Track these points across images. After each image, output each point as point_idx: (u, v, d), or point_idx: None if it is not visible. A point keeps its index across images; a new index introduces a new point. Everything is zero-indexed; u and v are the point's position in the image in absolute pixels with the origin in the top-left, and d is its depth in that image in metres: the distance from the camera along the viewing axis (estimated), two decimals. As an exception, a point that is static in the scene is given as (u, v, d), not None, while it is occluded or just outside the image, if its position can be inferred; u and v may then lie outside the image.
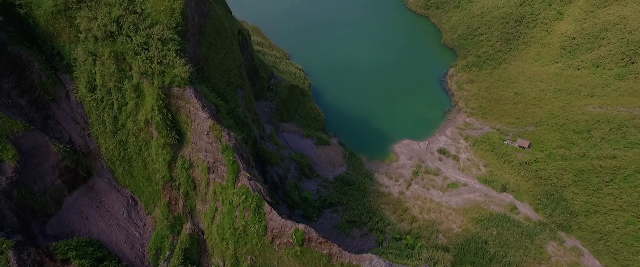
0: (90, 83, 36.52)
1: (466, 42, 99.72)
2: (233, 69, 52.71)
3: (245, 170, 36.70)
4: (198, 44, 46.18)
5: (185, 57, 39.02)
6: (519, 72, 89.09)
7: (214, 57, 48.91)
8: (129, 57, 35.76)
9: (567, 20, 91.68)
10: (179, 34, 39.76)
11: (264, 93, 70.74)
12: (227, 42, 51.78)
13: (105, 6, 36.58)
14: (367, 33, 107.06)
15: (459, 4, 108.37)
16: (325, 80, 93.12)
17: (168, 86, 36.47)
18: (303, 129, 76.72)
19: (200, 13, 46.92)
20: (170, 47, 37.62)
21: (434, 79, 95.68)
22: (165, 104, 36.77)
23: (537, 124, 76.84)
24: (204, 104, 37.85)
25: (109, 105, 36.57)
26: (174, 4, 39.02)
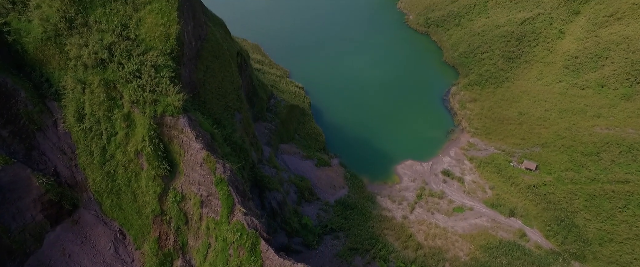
0: (78, 112, 34.48)
1: (468, 60, 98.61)
2: (231, 92, 50.86)
3: (241, 204, 34.13)
4: (194, 68, 44.44)
5: (179, 83, 37.13)
6: (523, 91, 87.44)
7: (211, 81, 47.11)
8: (120, 85, 33.84)
9: (569, 39, 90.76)
10: (174, 59, 38.01)
11: (263, 114, 68.78)
12: (225, 65, 50.13)
13: (98, 33, 34.94)
14: (367, 51, 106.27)
15: (460, 22, 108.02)
16: (326, 99, 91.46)
17: (160, 115, 34.38)
18: (303, 150, 74.39)
19: (198, 37, 45.41)
20: (164, 74, 35.77)
21: (436, 97, 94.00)
22: (157, 133, 34.58)
23: (544, 145, 74.48)
24: (198, 133, 35.66)
25: (98, 135, 34.41)
26: (170, 30, 37.43)
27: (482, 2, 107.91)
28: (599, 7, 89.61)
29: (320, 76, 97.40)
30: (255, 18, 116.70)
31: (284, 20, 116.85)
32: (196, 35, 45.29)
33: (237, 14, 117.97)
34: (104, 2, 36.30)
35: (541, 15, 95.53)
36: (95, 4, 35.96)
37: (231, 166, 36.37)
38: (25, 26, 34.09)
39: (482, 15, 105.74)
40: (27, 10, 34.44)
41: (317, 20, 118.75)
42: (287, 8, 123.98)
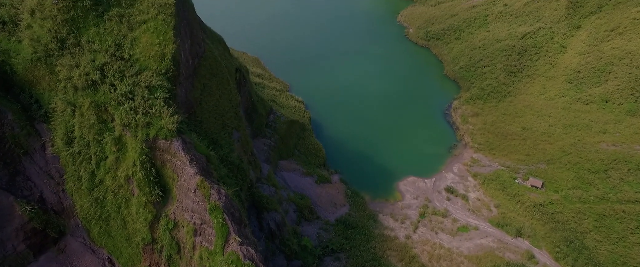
0: (67, 135, 32.83)
1: (469, 74, 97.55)
2: (229, 110, 49.32)
3: (236, 233, 32.05)
4: (191, 87, 43.01)
5: (174, 104, 35.58)
6: (525, 105, 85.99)
7: (208, 100, 45.62)
8: (111, 107, 32.27)
9: (570, 54, 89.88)
10: (169, 79, 36.56)
11: (262, 130, 67.13)
12: (223, 82, 48.75)
13: (90, 53, 33.60)
14: (368, 64, 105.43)
15: (460, 35, 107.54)
16: (326, 113, 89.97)
17: (153, 139, 32.68)
18: (303, 166, 72.42)
19: (195, 55, 44.15)
20: (159, 95, 34.24)
21: (437, 111, 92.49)
22: (149, 158, 32.81)
23: (549, 161, 72.52)
24: (193, 157, 33.89)
25: (87, 159, 32.66)
26: (165, 49, 36.10)
27: (482, 16, 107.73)
28: (600, 21, 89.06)
29: (321, 89, 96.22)
30: (255, 31, 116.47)
31: (284, 34, 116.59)
32: (193, 53, 44.02)
33: (237, 27, 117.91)
34: (97, 22, 35.11)
35: (542, 29, 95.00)
36: (89, 24, 34.74)
37: (227, 191, 34.46)
38: (15, 47, 32.78)
39: (483, 29, 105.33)
40: (17, 31, 33.22)
41: (317, 33, 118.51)
42: (287, 21, 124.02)
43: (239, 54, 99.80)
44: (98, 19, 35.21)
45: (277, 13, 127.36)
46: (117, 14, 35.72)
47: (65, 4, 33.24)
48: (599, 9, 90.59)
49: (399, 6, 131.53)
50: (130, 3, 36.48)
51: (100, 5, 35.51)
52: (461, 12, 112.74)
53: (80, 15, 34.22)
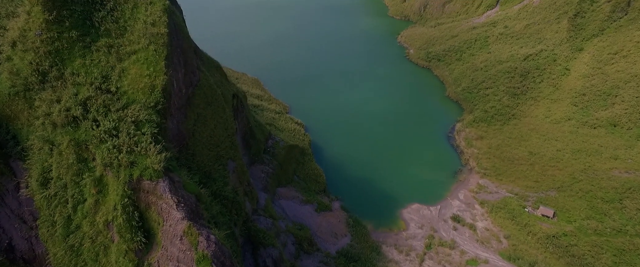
0: (43, 176, 29.83)
1: (471, 96, 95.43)
2: (224, 139, 46.44)
3: (226, 287, 28.27)
4: (184, 118, 40.30)
5: (163, 140, 32.66)
6: (531, 128, 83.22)
7: (202, 130, 42.82)
8: (92, 145, 29.37)
9: (574, 76, 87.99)
10: (159, 113, 33.85)
11: (260, 156, 64.04)
12: (218, 111, 46.14)
13: (73, 86, 31.04)
14: (369, 85, 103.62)
15: (461, 56, 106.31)
16: (327, 136, 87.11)
17: (137, 179, 29.55)
18: (302, 193, 68.79)
19: (189, 84, 41.74)
20: (146, 130, 31.40)
21: (440, 134, 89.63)
22: (132, 200, 29.57)
23: (559, 189, 68.92)
24: (180, 198, 30.63)
25: (63, 202, 29.50)
26: (155, 81, 33.60)
27: (483, 37, 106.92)
28: (603, 44, 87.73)
29: (321, 111, 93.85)
30: (255, 52, 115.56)
31: (284, 54, 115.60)
32: (187, 82, 41.59)
33: (237, 48, 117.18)
34: (84, 53, 32.78)
35: (544, 51, 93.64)
36: (74, 55, 32.41)
37: (217, 236, 30.97)
38: (-7, 80, 30.28)
39: (484, 51, 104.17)
40: (-3, 63, 30.84)
41: (317, 54, 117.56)
42: (287, 42, 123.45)
43: (238, 75, 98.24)
44: (85, 50, 32.92)
45: (277, 34, 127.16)
46: (106, 45, 33.48)
47: (50, 35, 31.03)
48: (600, 31, 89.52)
49: (398, 27, 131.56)
50: (120, 33, 34.32)
51: (88, 36, 33.32)
52: (461, 34, 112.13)
53: (66, 46, 31.96)
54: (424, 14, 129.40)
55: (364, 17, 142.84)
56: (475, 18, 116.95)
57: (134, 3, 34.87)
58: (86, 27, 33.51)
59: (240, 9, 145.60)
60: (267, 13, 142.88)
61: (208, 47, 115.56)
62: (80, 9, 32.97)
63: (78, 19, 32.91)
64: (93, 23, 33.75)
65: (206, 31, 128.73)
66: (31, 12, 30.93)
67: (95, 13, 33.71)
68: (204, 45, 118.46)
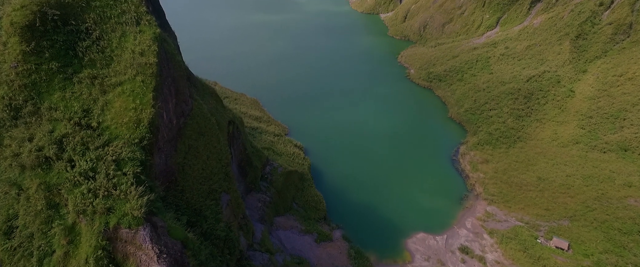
0: (7, 224, 26.38)
1: (474, 117, 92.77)
2: (217, 171, 43.10)
3: None
4: (174, 151, 37.14)
5: (147, 180, 29.35)
6: (538, 152, 80.00)
7: (193, 163, 39.57)
8: (65, 190, 26.07)
9: (579, 98, 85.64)
10: (144, 149, 30.70)
11: (257, 184, 60.45)
12: (212, 141, 43.06)
13: (49, 122, 28.06)
14: (370, 106, 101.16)
15: (463, 77, 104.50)
16: (327, 158, 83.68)
17: (114, 228, 26.02)
18: (301, 222, 64.70)
19: (180, 114, 38.85)
20: (128, 169, 28.15)
21: (444, 156, 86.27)
22: (108, 252, 25.92)
23: (572, 218, 64.94)
24: (163, 248, 27.00)
25: (27, 255, 25.91)
26: (142, 114, 30.66)
27: (484, 58, 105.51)
28: (606, 66, 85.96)
29: (321, 132, 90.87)
30: (255, 72, 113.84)
31: (284, 74, 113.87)
32: (179, 113, 38.70)
33: (236, 68, 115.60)
34: (64, 85, 30.01)
35: (547, 73, 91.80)
36: (54, 88, 29.63)
37: (204, 291, 27.08)
38: (-39, 116, 27.34)
39: (485, 71, 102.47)
40: (-33, 97, 27.98)
41: (317, 74, 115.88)
42: (287, 62, 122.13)
43: (237, 96, 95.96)
44: (66, 81, 30.19)
45: (277, 54, 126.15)
46: (90, 76, 30.78)
47: (27, 68, 28.39)
48: (603, 53, 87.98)
49: (399, 47, 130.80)
50: (106, 63, 31.70)
51: (71, 67, 30.69)
52: (462, 54, 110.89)
53: (44, 78, 29.25)
54: (423, 34, 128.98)
55: (364, 36, 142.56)
56: (475, 38, 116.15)
57: (122, 32, 32.46)
58: (69, 58, 30.91)
59: (241, 29, 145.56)
60: (268, 33, 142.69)
61: (207, 68, 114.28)
62: (63, 38, 30.48)
63: (60, 49, 30.35)
64: (77, 53, 31.18)
65: (206, 51, 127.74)
66: (8, 43, 28.41)
67: (80, 43, 31.21)
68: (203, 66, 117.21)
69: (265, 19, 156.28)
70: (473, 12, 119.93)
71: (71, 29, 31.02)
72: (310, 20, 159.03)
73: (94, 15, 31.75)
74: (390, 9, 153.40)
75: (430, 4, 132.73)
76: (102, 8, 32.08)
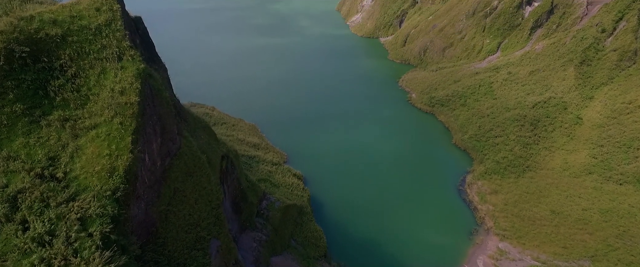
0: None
1: (480, 144, 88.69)
2: (207, 215, 38.47)
3: None
4: (156, 197, 32.74)
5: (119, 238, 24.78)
6: (549, 183, 75.25)
7: (179, 209, 35.05)
8: (12, 261, 21.42)
9: (588, 126, 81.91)
10: (118, 201, 26.32)
11: (252, 221, 55.41)
12: (201, 181, 38.74)
13: (4, 175, 23.86)
14: (371, 131, 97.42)
15: (466, 102, 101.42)
16: (327, 188, 78.84)
17: (71, 307, 21.17)
18: (300, 261, 58.97)
19: (166, 154, 34.79)
20: (95, 229, 23.64)
21: (450, 186, 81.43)
22: None
23: (593, 258, 59.29)
24: (131, 329, 21.97)
25: None
26: (117, 161, 26.55)
27: (487, 83, 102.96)
28: (614, 93, 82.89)
29: (321, 159, 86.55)
30: (254, 96, 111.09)
31: (283, 99, 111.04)
32: (164, 153, 34.63)
33: (235, 92, 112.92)
34: (30, 129, 26.11)
35: (553, 99, 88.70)
36: (16, 133, 25.70)
37: None
38: None
39: (489, 97, 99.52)
40: None
41: (317, 98, 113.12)
42: (286, 85, 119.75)
43: (235, 122, 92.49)
44: (31, 125, 26.32)
45: (277, 78, 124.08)
46: (61, 118, 26.95)
47: (-16, 111, 24.65)
48: (609, 80, 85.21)
49: (399, 71, 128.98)
50: (81, 103, 27.98)
51: (39, 108, 26.92)
52: (464, 79, 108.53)
53: (5, 123, 25.41)
54: (424, 58, 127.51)
55: (365, 60, 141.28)
56: (476, 63, 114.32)
57: (102, 68, 28.99)
58: (38, 98, 27.21)
59: (243, 52, 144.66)
60: (269, 56, 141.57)
61: (206, 92, 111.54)
62: (32, 77, 26.93)
63: (27, 90, 26.71)
64: (48, 93, 27.52)
65: (206, 76, 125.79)
66: (-34, 84, 24.80)
67: (52, 81, 27.63)
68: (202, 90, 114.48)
69: (268, 42, 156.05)
70: (473, 37, 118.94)
71: (43, 67, 27.54)
72: (311, 43, 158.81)
73: (71, 51, 28.40)
74: (390, 33, 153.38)
75: (429, 28, 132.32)
76: (80, 43, 28.78)
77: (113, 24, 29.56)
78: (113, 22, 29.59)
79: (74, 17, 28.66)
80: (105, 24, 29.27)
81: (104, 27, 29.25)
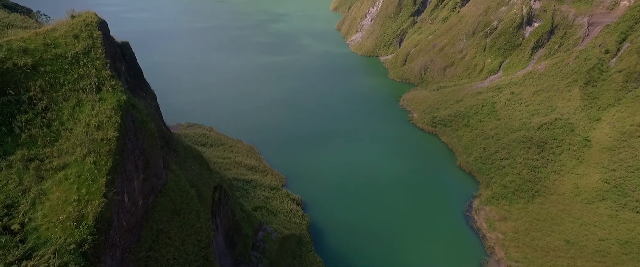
0: None
1: (485, 167, 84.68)
2: (195, 257, 34.25)
3: None
4: (135, 242, 28.71)
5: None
6: (561, 209, 70.75)
7: (162, 254, 30.92)
8: None
9: (597, 148, 78.22)
10: (86, 255, 22.34)
11: (247, 255, 50.76)
12: (189, 219, 34.76)
13: (-53, 231, 20.12)
14: (373, 153, 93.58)
15: (469, 122, 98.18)
16: (328, 213, 74.21)
17: None
18: (298, 298, 53.89)
19: (150, 191, 31.04)
20: (53, 294, 19.51)
21: (456, 211, 76.79)
22: None
23: (616, 295, 54.19)
24: None
25: None
26: (86, 208, 22.82)
27: (490, 103, 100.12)
28: (622, 115, 79.69)
29: (321, 182, 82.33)
30: (253, 116, 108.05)
31: (282, 118, 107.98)
32: (147, 190, 30.87)
33: (234, 112, 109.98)
34: (-13, 171, 22.54)
35: (559, 120, 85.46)
36: (-31, 177, 22.12)
37: None
38: None
39: (492, 117, 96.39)
40: None
41: (316, 117, 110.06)
42: (285, 105, 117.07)
43: (233, 143, 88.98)
44: (-11, 167, 22.79)
45: (277, 96, 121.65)
46: (25, 158, 23.44)
47: None
48: (616, 101, 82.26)
49: (400, 90, 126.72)
50: (51, 140, 24.56)
51: (0, 147, 23.45)
52: (466, 98, 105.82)
53: (-43, 166, 21.92)
54: (424, 77, 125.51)
55: (365, 79, 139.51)
56: (478, 82, 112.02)
57: (77, 100, 25.74)
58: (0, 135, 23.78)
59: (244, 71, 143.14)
60: (270, 75, 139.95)
61: (204, 112, 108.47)
62: (-5, 111, 23.62)
63: (-12, 126, 23.34)
64: (12, 129, 24.13)
65: (205, 94, 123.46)
66: None
67: (18, 116, 24.30)
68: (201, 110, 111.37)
69: (270, 60, 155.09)
70: (474, 56, 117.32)
71: (8, 100, 24.28)
72: (312, 61, 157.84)
73: (42, 82, 25.24)
74: (390, 52, 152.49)
75: (430, 47, 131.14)
76: (54, 73, 25.67)
77: (93, 51, 26.56)
78: (93, 50, 26.60)
79: (48, 45, 25.67)
80: (83, 52, 26.26)
81: (82, 55, 26.23)
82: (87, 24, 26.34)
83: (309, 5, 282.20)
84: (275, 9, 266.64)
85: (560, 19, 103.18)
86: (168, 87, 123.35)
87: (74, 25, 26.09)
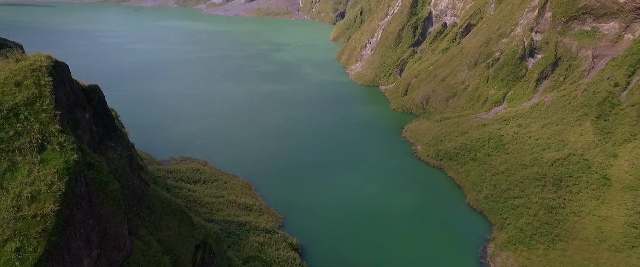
0: None
1: (498, 206, 77.11)
2: None
3: None
4: None
5: None
6: (586, 258, 62.42)
7: None
8: None
9: (618, 188, 71.13)
10: None
11: (233, 323, 42.34)
12: (158, 298, 27.52)
13: None
14: (376, 190, 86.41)
15: (476, 156, 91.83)
16: (328, 260, 65.82)
17: None
18: None
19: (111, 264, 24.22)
20: None
21: (470, 255, 68.27)
22: None
23: None
24: None
25: None
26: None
27: (497, 136, 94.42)
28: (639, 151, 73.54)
29: (320, 221, 74.51)
30: (250, 148, 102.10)
31: (280, 150, 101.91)
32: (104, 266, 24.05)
33: (230, 144, 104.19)
34: None
35: (573, 156, 79.13)
36: None
37: None
38: None
39: (500, 151, 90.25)
40: None
41: (317, 150, 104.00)
42: (284, 136, 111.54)
43: (228, 179, 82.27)
44: None
45: (276, 127, 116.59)
46: None
47: None
48: (632, 136, 76.46)
49: (401, 120, 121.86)
50: (-34, 217, 18.29)
51: None
52: (471, 130, 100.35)
53: None
54: (426, 107, 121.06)
55: (365, 108, 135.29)
56: (482, 114, 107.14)
57: (10, 163, 19.87)
58: None
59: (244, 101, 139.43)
60: (269, 103, 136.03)
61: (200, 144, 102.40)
62: None
63: None
64: None
65: (204, 124, 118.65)
66: None
67: None
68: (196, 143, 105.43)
69: (271, 89, 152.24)
70: (477, 87, 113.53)
71: None
72: (313, 90, 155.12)
73: (-34, 141, 19.60)
74: (390, 81, 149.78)
75: (431, 78, 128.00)
76: (-17, 130, 20.11)
77: (38, 102, 21.12)
78: (38, 100, 21.17)
79: (-21, 94, 20.28)
80: (25, 103, 20.80)
81: (23, 107, 20.74)
82: (33, 70, 21.15)
83: (310, 35, 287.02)
84: (276, 39, 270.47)
85: (564, 51, 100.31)
86: (169, 118, 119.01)
87: (17, 71, 20.91)
